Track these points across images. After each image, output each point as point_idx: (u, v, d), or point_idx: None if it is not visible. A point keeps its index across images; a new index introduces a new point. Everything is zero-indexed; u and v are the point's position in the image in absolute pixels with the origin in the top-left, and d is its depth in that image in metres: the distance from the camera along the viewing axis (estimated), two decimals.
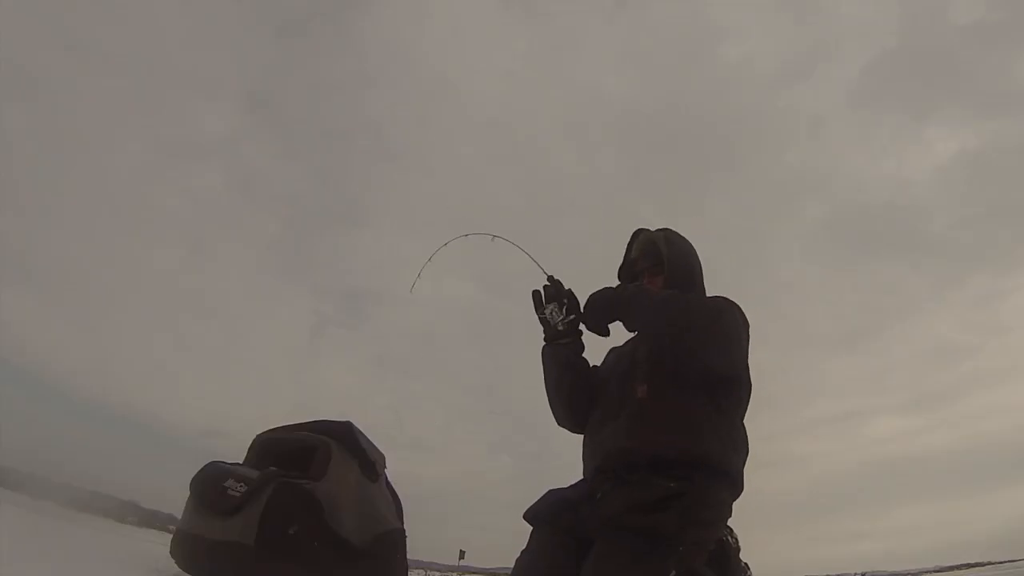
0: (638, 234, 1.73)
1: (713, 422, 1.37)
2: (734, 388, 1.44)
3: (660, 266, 1.61)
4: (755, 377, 1.45)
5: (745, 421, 1.44)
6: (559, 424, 1.63)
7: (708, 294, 1.58)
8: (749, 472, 1.39)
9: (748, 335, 1.42)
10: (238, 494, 2.61)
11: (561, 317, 1.54)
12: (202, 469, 2.83)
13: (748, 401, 1.49)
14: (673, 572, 1.25)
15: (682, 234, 1.69)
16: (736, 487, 1.40)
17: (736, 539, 1.53)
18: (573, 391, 1.56)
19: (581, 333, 1.54)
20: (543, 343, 1.58)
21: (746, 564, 1.53)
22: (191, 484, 2.87)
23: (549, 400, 1.62)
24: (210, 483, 2.71)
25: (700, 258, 1.66)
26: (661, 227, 1.70)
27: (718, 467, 1.34)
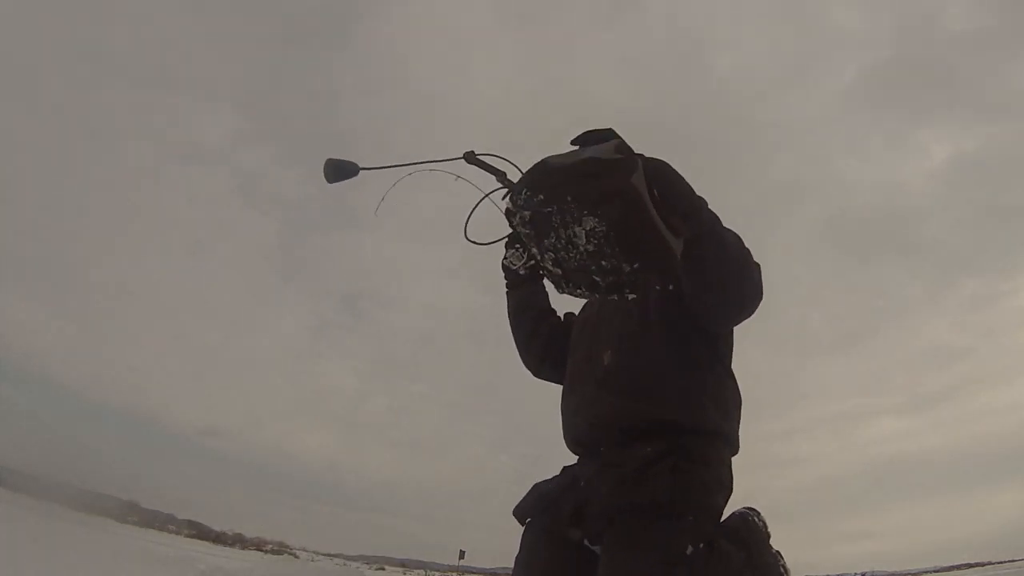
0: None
1: (690, 382, 1.24)
2: (718, 342, 1.29)
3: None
4: (753, 379, 1.38)
5: (742, 420, 1.33)
6: (525, 367, 1.57)
7: None
8: (748, 473, 1.30)
9: None
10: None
11: (522, 262, 1.45)
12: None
13: (732, 350, 1.34)
14: (690, 548, 1.11)
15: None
16: (728, 445, 1.27)
17: (764, 523, 1.35)
18: (533, 335, 1.51)
19: (543, 278, 1.32)
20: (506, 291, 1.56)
21: (778, 552, 1.35)
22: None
23: (515, 343, 1.56)
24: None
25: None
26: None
27: (700, 428, 1.22)
